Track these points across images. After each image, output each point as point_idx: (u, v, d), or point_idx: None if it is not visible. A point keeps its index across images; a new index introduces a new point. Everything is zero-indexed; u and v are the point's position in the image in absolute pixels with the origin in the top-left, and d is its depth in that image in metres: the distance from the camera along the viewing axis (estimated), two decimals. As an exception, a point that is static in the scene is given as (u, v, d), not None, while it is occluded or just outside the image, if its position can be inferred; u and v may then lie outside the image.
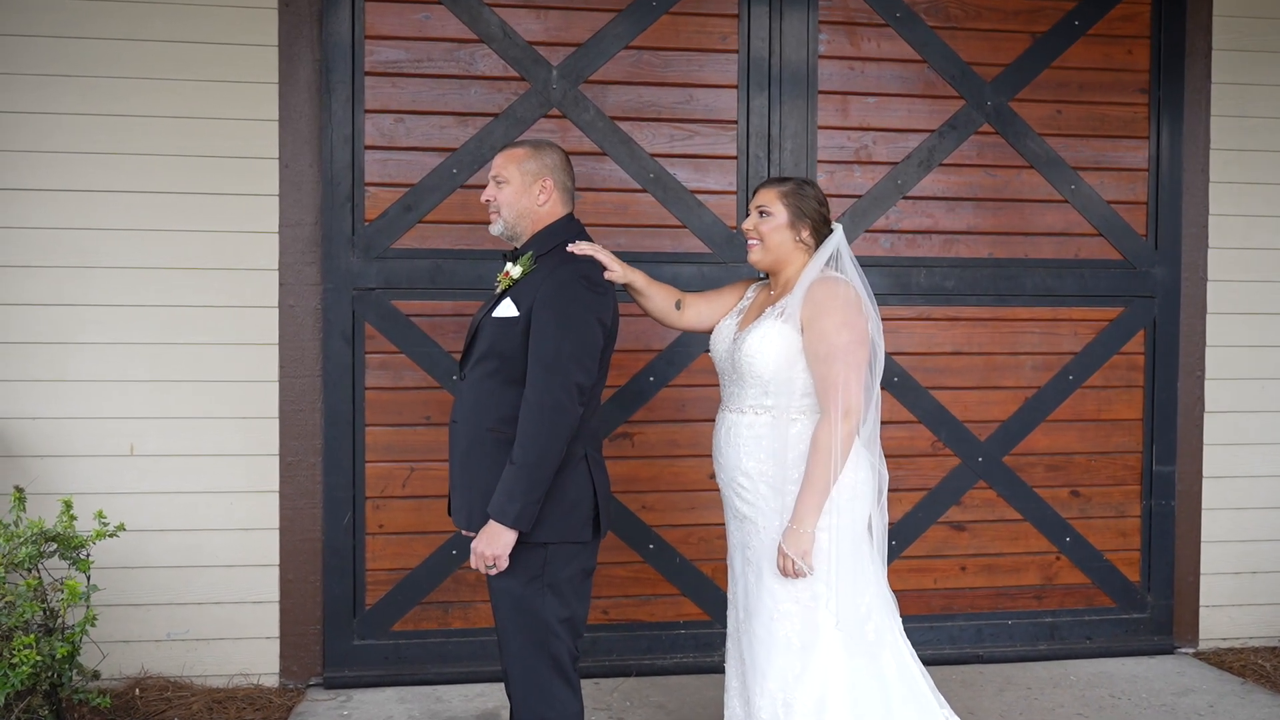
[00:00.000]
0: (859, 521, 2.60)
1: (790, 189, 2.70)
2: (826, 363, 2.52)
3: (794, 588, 2.55)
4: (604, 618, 3.89)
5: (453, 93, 3.76)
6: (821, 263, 2.65)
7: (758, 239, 2.71)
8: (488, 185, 2.75)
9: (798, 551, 2.50)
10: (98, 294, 3.61)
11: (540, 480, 2.48)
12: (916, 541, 4.05)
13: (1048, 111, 4.07)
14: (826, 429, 2.51)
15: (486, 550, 2.50)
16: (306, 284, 3.70)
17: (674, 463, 3.91)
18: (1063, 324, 4.11)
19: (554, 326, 2.52)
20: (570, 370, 2.50)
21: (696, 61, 3.88)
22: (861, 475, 2.60)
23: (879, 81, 3.98)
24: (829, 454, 2.48)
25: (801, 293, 2.59)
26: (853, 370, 2.51)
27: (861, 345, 2.55)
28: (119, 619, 3.65)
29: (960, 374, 4.06)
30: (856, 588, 2.57)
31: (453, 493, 2.70)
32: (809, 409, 2.60)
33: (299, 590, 3.72)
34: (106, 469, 3.63)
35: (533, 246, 2.71)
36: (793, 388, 2.60)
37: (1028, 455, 4.11)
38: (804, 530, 2.50)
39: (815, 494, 2.50)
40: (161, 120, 3.62)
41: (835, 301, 2.55)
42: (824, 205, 2.72)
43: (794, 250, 2.70)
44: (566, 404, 2.49)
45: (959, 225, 4.05)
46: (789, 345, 2.58)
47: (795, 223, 2.68)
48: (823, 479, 2.49)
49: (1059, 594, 4.14)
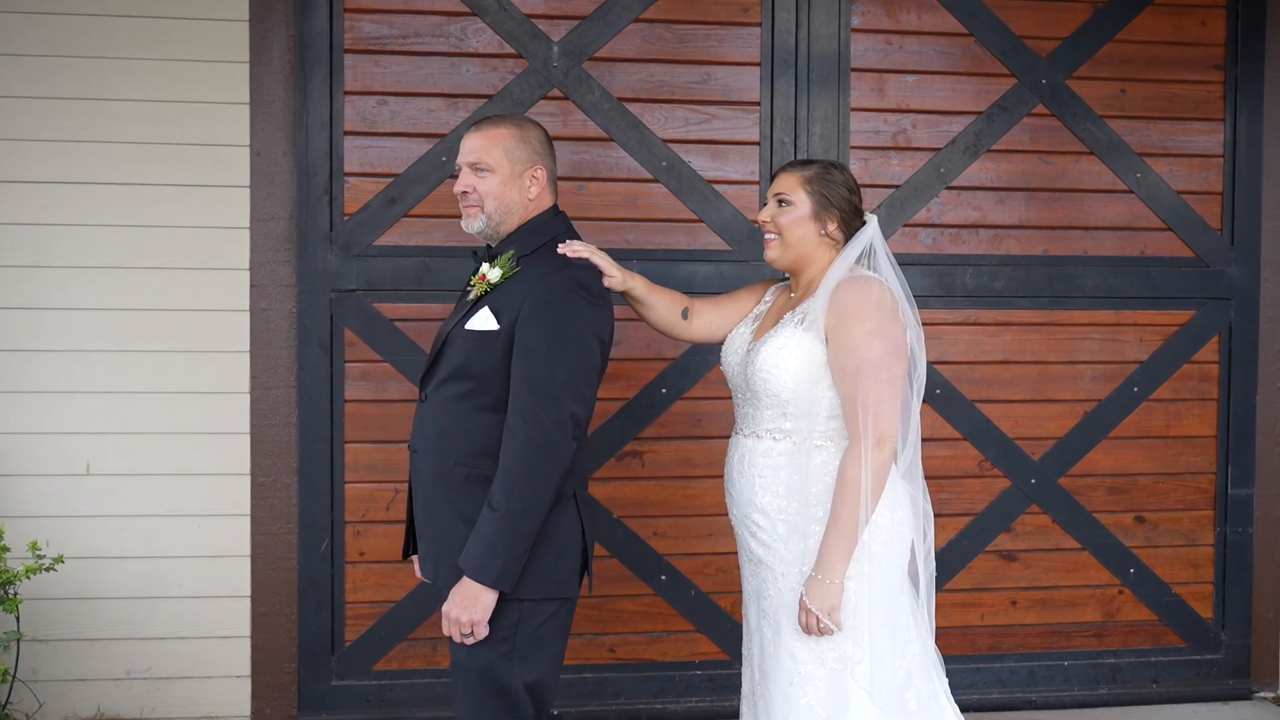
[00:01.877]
0: (897, 568, 2.20)
1: (815, 173, 2.30)
2: (855, 379, 2.12)
3: (818, 647, 2.15)
4: (611, 656, 3.52)
5: (442, 72, 3.40)
6: (851, 260, 2.24)
7: (776, 233, 2.31)
8: (462, 173, 2.35)
9: (823, 606, 2.09)
10: (53, 296, 3.29)
11: (527, 531, 2.09)
12: (962, 573, 3.65)
13: (1110, 91, 3.66)
14: (855, 460, 2.11)
15: (463, 615, 2.11)
16: (280, 285, 3.35)
17: (689, 484, 3.52)
18: (1126, 329, 3.70)
19: (546, 346, 2.15)
20: (564, 400, 2.12)
21: (715, 36, 3.50)
22: (900, 514, 2.19)
23: (919, 58, 3.58)
24: (858, 490, 2.08)
25: (826, 296, 2.19)
26: (886, 388, 2.11)
27: (897, 358, 2.14)
28: (74, 655, 3.33)
29: (1011, 385, 3.65)
30: (894, 648, 2.17)
31: (416, 536, 2.32)
32: (836, 434, 2.20)
33: (272, 624, 3.38)
34: (60, 489, 3.31)
35: (514, 245, 2.32)
36: (816, 409, 2.19)
37: (1087, 477, 3.70)
38: (831, 582, 2.10)
39: (842, 539, 2.09)
40: (122, 104, 3.29)
41: (866, 306, 2.15)
42: (855, 193, 2.31)
43: (819, 246, 2.30)
44: (559, 439, 2.11)
45: (1009, 218, 3.64)
46: (811, 358, 2.18)
47: (820, 214, 2.28)
48: (851, 521, 2.08)
49: (1122, 632, 3.74)
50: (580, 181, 3.45)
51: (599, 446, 3.46)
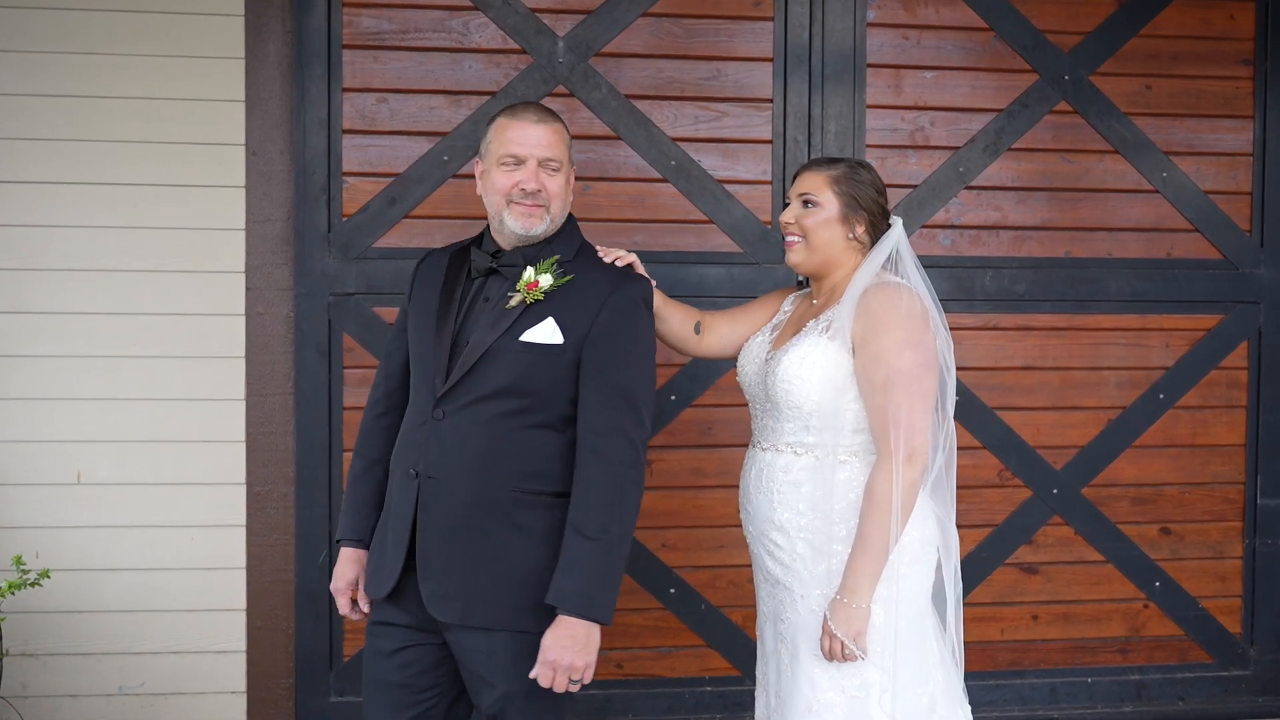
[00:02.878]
0: (924, 591, 2.08)
1: (843, 172, 2.18)
2: (885, 391, 2.01)
3: (839, 674, 2.04)
4: (618, 672, 3.41)
5: (443, 68, 3.29)
6: (878, 265, 2.13)
7: (800, 235, 2.19)
8: (532, 170, 2.13)
9: (850, 631, 1.97)
10: (43, 299, 3.19)
11: (625, 557, 2.04)
12: (981, 586, 3.53)
13: (1135, 87, 3.53)
14: (885, 476, 1.99)
15: (578, 660, 1.97)
16: (277, 288, 3.25)
17: (699, 494, 3.41)
18: (1152, 334, 3.57)
19: (632, 360, 2.09)
20: (646, 417, 2.09)
21: (726, 31, 3.38)
22: (928, 532, 2.08)
23: (938, 53, 3.46)
24: (888, 508, 1.96)
25: (852, 302, 2.07)
26: (919, 401, 1.99)
27: (929, 369, 2.03)
28: (64, 670, 3.23)
29: (1032, 392, 3.53)
30: (918, 674, 2.06)
31: (423, 575, 2.09)
32: (861, 449, 2.09)
33: (269, 638, 3.28)
34: (50, 499, 3.20)
35: (556, 249, 2.16)
36: (841, 422, 2.08)
37: (1110, 487, 3.57)
38: (858, 605, 1.98)
39: (871, 559, 1.98)
40: (115, 101, 3.19)
41: (895, 313, 2.03)
42: (883, 194, 2.20)
43: (845, 250, 2.18)
44: (643, 458, 2.07)
45: (1031, 219, 3.52)
46: (836, 368, 2.07)
47: (849, 216, 2.16)
48: (880, 540, 1.97)
49: (1147, 647, 3.61)
50: (587, 181, 3.34)
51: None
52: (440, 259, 2.31)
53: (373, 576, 2.21)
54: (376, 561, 2.20)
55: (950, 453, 2.16)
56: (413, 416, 2.19)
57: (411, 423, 2.19)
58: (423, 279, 2.30)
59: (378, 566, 2.19)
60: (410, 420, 2.20)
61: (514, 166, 2.11)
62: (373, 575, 2.21)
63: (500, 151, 2.11)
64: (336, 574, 2.34)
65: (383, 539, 2.20)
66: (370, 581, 2.23)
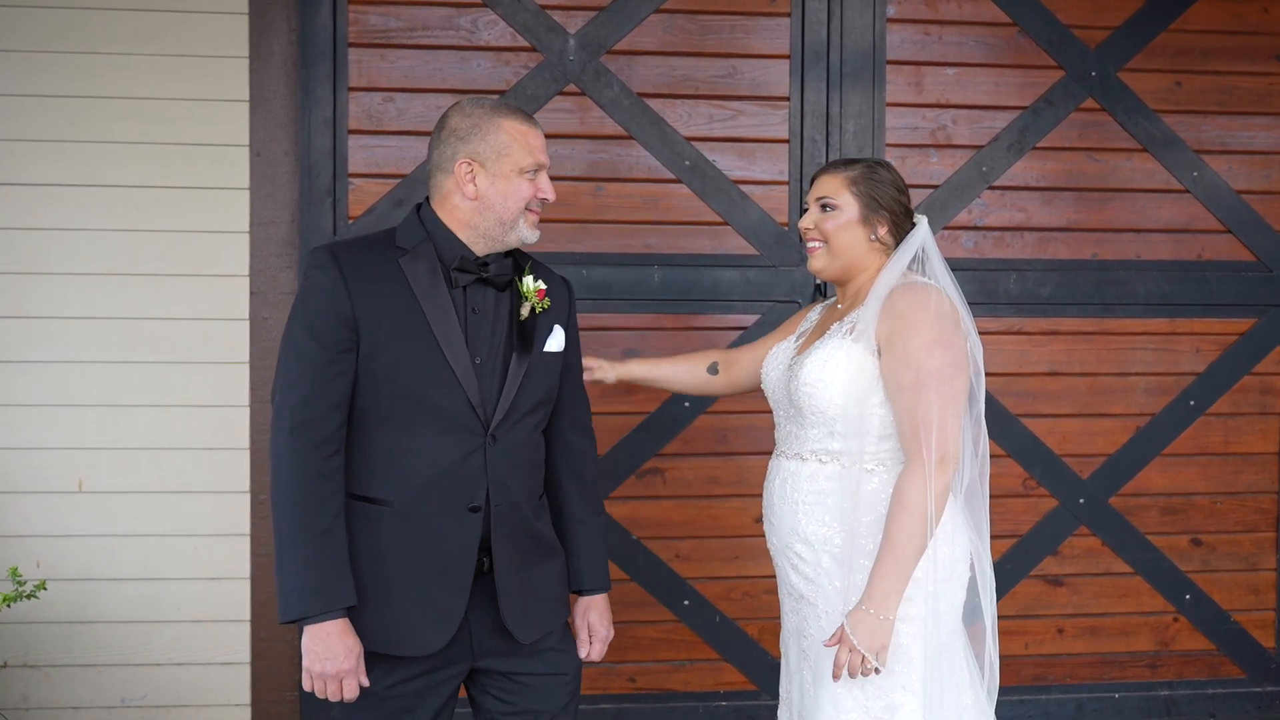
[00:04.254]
0: (954, 609, 1.99)
1: (860, 173, 2.09)
2: (915, 393, 1.92)
3: (864, 694, 1.94)
4: (630, 686, 3.32)
5: (451, 66, 3.21)
6: (903, 265, 2.04)
7: (820, 240, 2.10)
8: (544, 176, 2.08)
9: (872, 645, 1.87)
10: (44, 304, 3.12)
11: None
12: (1005, 598, 3.41)
13: (1165, 83, 3.42)
14: (913, 481, 1.90)
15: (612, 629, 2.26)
16: (281, 293, 3.17)
17: (713, 504, 3.31)
18: (1182, 338, 3.46)
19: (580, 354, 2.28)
20: None
21: (741, 27, 3.29)
22: (959, 548, 1.99)
23: (960, 49, 3.35)
24: (917, 512, 1.87)
25: (878, 303, 1.99)
26: (950, 402, 1.90)
27: (960, 371, 1.94)
28: (66, 681, 3.17)
29: (1058, 399, 3.42)
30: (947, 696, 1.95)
31: (505, 607, 1.99)
32: (889, 457, 1.99)
33: (274, 650, 3.21)
34: (51, 507, 3.14)
35: (515, 253, 2.14)
36: (866, 427, 1.99)
37: (1139, 496, 3.46)
38: (883, 617, 1.87)
39: (900, 565, 1.87)
40: (117, 102, 3.12)
41: (924, 313, 1.94)
42: (904, 192, 2.11)
43: (868, 252, 2.09)
44: None
45: (1056, 220, 3.41)
46: (861, 371, 1.98)
47: (869, 217, 2.08)
48: (909, 546, 1.87)
49: (1177, 662, 3.50)
50: (598, 182, 3.26)
51: (617, 463, 3.27)
52: (370, 259, 1.99)
53: (411, 632, 1.94)
54: (409, 615, 1.94)
55: (984, 460, 2.06)
56: (437, 442, 1.95)
57: (439, 451, 1.95)
58: (368, 286, 1.95)
59: (418, 619, 1.94)
60: (431, 446, 1.95)
61: (534, 174, 2.04)
62: (411, 631, 1.94)
63: (526, 160, 2.00)
64: (347, 651, 1.91)
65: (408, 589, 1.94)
66: (409, 639, 1.94)
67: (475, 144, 2.00)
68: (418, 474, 1.94)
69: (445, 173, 2.02)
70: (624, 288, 3.26)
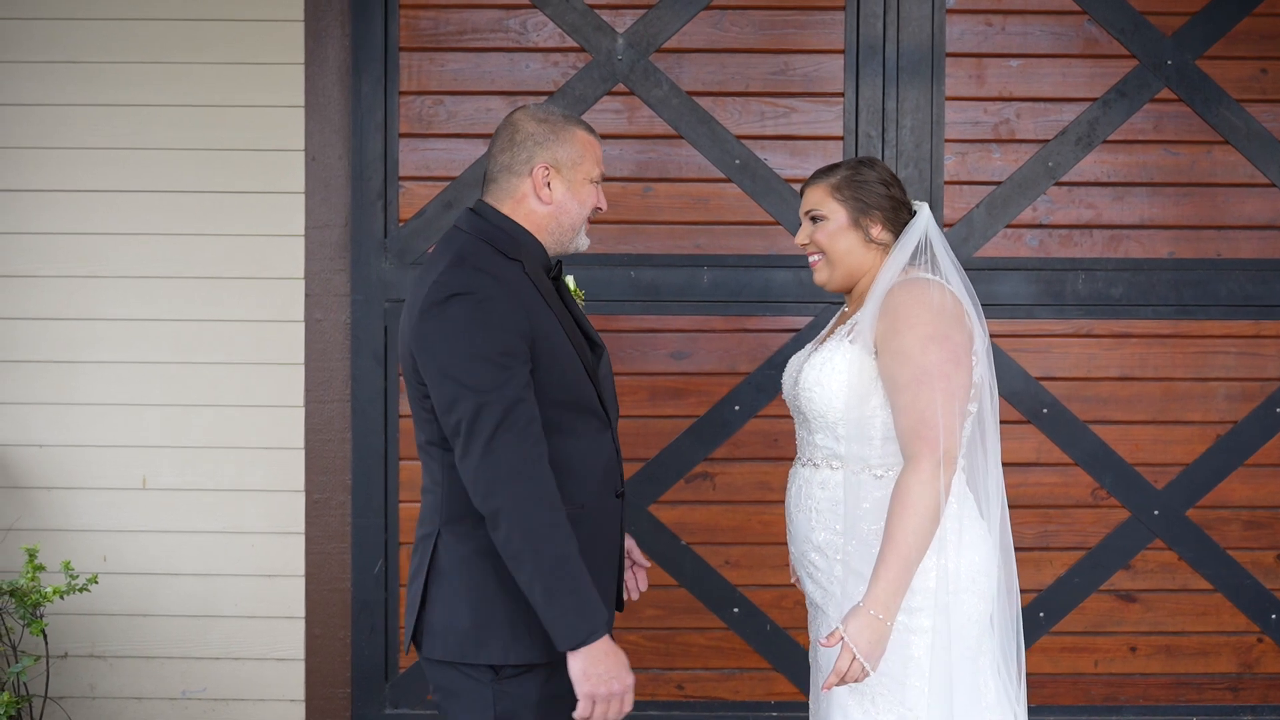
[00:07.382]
0: (974, 623, 1.90)
1: (843, 178, 2.04)
2: (913, 389, 1.85)
3: (874, 707, 1.88)
4: (679, 694, 3.28)
5: (500, 68, 3.21)
6: (903, 261, 1.97)
7: (818, 252, 2.05)
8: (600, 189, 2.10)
9: (863, 645, 1.78)
10: (107, 306, 3.22)
11: None
12: (1072, 614, 3.28)
13: (1248, 71, 3.23)
14: (914, 478, 1.82)
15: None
16: (335, 295, 3.22)
17: (763, 510, 3.25)
18: (1267, 341, 3.27)
19: None
20: None
21: (794, 22, 3.22)
22: (980, 556, 1.90)
23: (1024, 40, 3.23)
24: (922, 513, 1.80)
25: (876, 302, 1.93)
26: (950, 401, 1.82)
27: (959, 366, 1.86)
28: (129, 672, 3.26)
29: (1130, 405, 3.26)
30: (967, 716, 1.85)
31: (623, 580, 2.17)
32: (897, 462, 1.92)
33: (327, 647, 3.25)
34: (116, 503, 3.24)
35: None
36: (868, 431, 1.92)
37: (1219, 508, 3.28)
38: (882, 617, 1.79)
39: (901, 565, 1.79)
40: (174, 110, 3.21)
41: (920, 308, 1.87)
42: (893, 185, 2.04)
43: (866, 254, 2.03)
44: None
45: (1129, 217, 3.25)
46: (859, 373, 1.92)
47: (859, 219, 2.01)
48: (909, 547, 1.78)
49: (1261, 686, 3.31)
50: (647, 182, 3.22)
51: (665, 467, 3.22)
52: (506, 272, 1.97)
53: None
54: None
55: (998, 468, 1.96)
56: (598, 441, 2.01)
57: (600, 448, 2.02)
58: (522, 299, 1.94)
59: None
60: (595, 445, 2.01)
61: (598, 184, 2.07)
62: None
63: (595, 172, 2.04)
64: (625, 663, 1.87)
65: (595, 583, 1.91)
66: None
67: (554, 150, 1.99)
68: (593, 475, 2.00)
69: (518, 176, 1.99)
70: (673, 289, 3.22)
